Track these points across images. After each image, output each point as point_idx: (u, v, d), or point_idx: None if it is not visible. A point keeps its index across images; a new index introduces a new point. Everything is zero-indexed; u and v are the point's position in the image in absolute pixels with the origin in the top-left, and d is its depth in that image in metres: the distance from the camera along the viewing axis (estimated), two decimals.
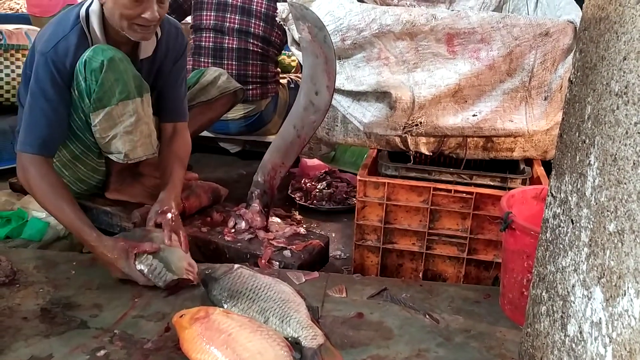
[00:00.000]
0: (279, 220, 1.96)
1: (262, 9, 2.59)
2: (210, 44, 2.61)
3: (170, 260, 1.53)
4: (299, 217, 2.22)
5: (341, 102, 1.92)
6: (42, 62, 1.64)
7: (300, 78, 2.92)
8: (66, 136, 1.77)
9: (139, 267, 1.50)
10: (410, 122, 1.82)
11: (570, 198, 0.95)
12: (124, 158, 1.79)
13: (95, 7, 1.71)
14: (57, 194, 1.63)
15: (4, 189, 2.10)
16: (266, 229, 1.86)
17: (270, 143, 1.93)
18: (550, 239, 1.03)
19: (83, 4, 1.74)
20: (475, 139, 1.93)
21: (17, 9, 5.38)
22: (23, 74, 1.83)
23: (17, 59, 2.55)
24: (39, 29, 3.39)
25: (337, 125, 2.01)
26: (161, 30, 1.86)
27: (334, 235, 2.18)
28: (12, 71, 2.55)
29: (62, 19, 1.73)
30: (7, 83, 2.55)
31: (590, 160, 0.87)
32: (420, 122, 1.83)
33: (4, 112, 2.60)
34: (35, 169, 1.64)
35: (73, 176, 1.87)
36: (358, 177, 1.78)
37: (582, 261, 0.88)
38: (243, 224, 1.85)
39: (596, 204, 0.84)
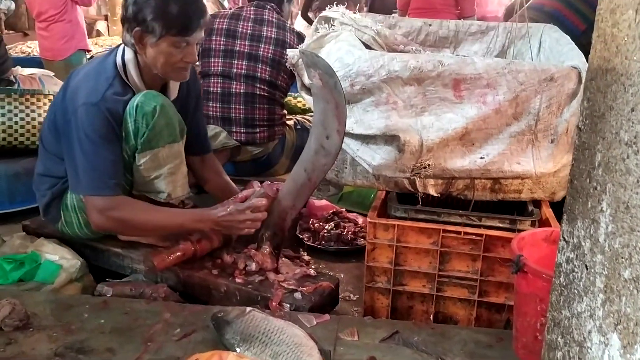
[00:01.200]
0: (288, 261, 1.97)
1: (269, 54, 2.65)
2: (219, 89, 2.68)
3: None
4: (307, 257, 2.22)
5: (350, 145, 1.95)
6: (96, 111, 1.74)
7: (306, 119, 2.98)
8: None
9: (246, 205, 1.83)
10: (419, 164, 1.84)
11: (583, 243, 0.96)
12: (166, 197, 1.90)
13: (130, 56, 1.83)
14: (154, 210, 1.85)
15: (18, 231, 2.12)
16: (276, 270, 1.87)
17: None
18: (564, 283, 1.04)
19: (114, 54, 1.86)
20: (483, 180, 1.95)
21: (29, 52, 5.50)
22: (50, 122, 1.90)
23: (32, 104, 2.61)
24: (52, 74, 3.48)
25: (346, 168, 2.04)
26: None
27: (342, 276, 2.18)
28: (27, 115, 2.60)
29: (99, 70, 1.84)
30: (22, 127, 2.60)
31: (602, 207, 0.89)
32: (429, 165, 1.85)
33: (19, 155, 2.64)
34: (123, 204, 1.80)
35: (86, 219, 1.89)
36: (368, 219, 1.79)
37: (597, 307, 0.89)
38: (253, 266, 1.86)
39: (610, 250, 0.86)
